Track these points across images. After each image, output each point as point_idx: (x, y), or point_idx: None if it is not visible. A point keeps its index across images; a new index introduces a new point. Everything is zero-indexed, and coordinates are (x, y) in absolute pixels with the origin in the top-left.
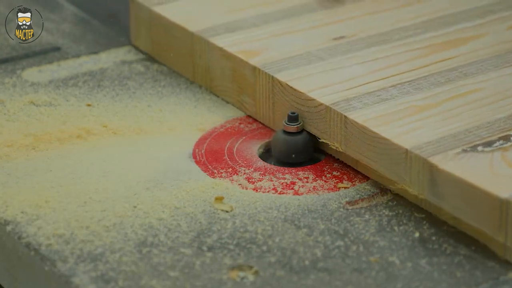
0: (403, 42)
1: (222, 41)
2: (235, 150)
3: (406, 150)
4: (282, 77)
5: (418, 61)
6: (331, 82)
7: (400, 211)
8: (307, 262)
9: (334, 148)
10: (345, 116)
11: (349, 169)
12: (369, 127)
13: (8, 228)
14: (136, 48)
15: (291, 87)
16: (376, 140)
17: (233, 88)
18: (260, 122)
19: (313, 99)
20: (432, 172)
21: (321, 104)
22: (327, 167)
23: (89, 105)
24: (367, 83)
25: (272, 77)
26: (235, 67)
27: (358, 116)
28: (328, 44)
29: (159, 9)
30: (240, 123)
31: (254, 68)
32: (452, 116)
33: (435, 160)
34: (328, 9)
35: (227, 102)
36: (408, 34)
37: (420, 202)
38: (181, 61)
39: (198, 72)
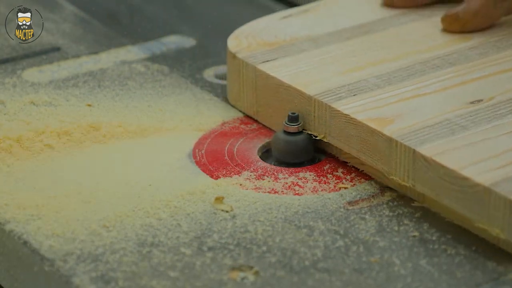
0: None
1: (347, 107)
2: (235, 150)
3: None
4: (425, 151)
5: None
6: (483, 156)
7: (400, 211)
8: (307, 263)
9: (495, 234)
10: (511, 200)
11: (349, 170)
12: None
13: (8, 228)
14: (237, 108)
15: (438, 163)
16: None
17: (359, 158)
18: (260, 123)
19: (468, 178)
20: None
21: (478, 184)
22: (327, 167)
23: (89, 105)
24: None
25: (414, 150)
26: (365, 137)
27: None
28: (467, 109)
29: (266, 68)
30: (240, 123)
31: (390, 140)
32: None
33: None
34: (454, 66)
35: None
36: None
37: None
38: None
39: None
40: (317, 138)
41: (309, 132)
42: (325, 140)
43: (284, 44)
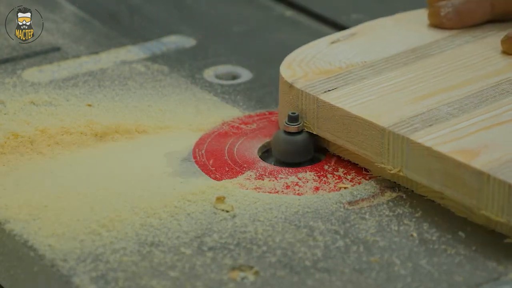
0: None
1: (426, 139)
2: (235, 150)
3: None
4: None
5: None
6: None
7: (400, 211)
8: (307, 262)
9: None
10: None
11: (349, 169)
12: None
13: (8, 228)
14: None
15: None
16: None
17: (440, 192)
18: (260, 123)
19: None
20: None
21: None
22: (327, 167)
23: (89, 105)
24: None
25: (510, 185)
26: (450, 170)
27: None
28: None
29: (329, 99)
30: (240, 123)
31: (481, 173)
32: None
33: None
34: None
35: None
36: None
37: None
38: (366, 161)
39: (388, 173)
40: (391, 172)
41: (383, 166)
42: (401, 174)
43: (342, 72)
